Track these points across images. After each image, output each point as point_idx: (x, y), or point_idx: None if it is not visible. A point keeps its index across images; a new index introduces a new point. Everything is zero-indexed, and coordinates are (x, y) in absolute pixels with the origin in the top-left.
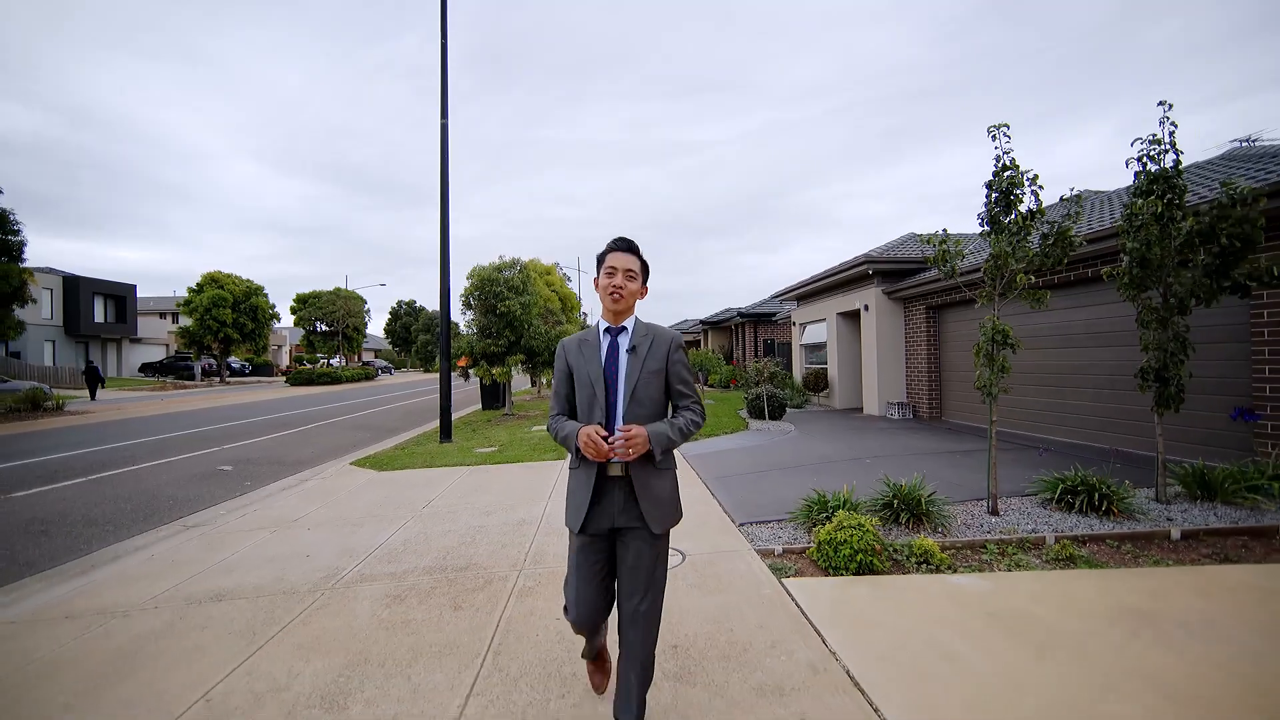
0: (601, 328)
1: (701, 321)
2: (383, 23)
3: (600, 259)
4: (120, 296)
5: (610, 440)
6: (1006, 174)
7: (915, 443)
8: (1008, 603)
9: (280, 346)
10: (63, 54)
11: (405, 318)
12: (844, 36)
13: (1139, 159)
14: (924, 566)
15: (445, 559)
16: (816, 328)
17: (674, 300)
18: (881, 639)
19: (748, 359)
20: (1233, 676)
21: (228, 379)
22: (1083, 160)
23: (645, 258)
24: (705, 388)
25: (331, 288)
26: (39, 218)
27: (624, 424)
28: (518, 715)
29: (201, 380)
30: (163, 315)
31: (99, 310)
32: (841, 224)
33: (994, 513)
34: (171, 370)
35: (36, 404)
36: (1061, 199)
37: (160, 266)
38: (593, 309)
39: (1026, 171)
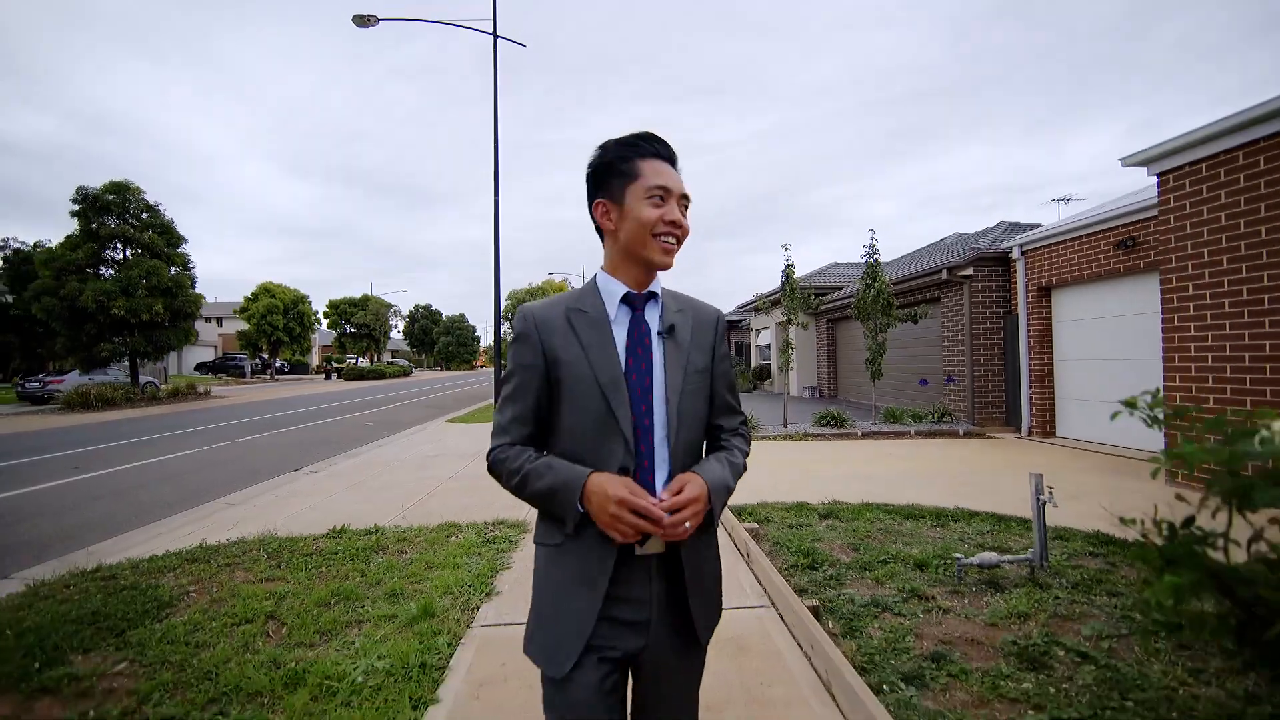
0: (613, 292)
1: None
2: (397, 27)
3: (612, 165)
4: None
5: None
6: (787, 267)
7: (796, 406)
8: (754, 449)
9: (312, 348)
10: (80, 58)
11: (423, 320)
12: (853, 38)
13: (864, 256)
14: None
15: None
16: (765, 333)
17: None
18: None
19: None
20: (824, 458)
21: (275, 376)
22: (1094, 160)
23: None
24: None
25: (347, 293)
26: (51, 222)
27: (667, 464)
28: None
29: (252, 377)
30: (208, 319)
31: None
32: (852, 224)
33: (785, 426)
34: (223, 369)
35: (194, 389)
36: (814, 278)
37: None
38: None
39: (795, 275)
